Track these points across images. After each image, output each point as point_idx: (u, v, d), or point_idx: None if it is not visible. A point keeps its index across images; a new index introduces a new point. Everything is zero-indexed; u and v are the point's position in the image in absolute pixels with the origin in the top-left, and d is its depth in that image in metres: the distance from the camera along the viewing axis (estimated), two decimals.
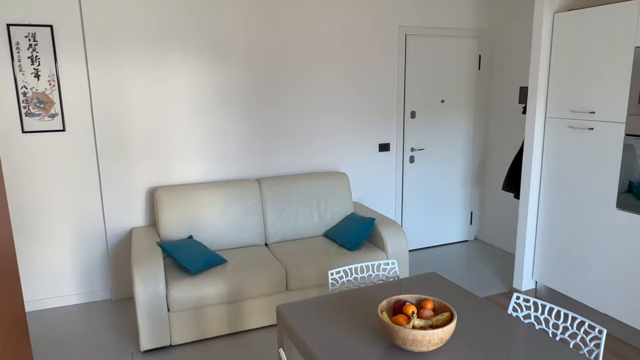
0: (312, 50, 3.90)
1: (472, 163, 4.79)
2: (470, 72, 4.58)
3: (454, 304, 2.00)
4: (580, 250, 3.21)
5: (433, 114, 4.51)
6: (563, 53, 3.22)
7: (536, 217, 3.55)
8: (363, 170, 4.31)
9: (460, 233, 4.91)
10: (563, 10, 3.28)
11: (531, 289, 3.66)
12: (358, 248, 3.48)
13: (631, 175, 2.85)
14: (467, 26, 4.46)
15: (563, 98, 3.24)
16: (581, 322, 2.79)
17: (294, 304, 2.01)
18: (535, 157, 3.46)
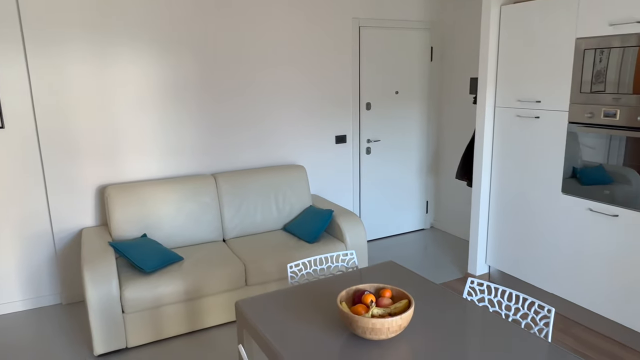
0: (267, 42, 3.84)
1: (426, 153, 4.89)
2: (423, 64, 4.66)
3: (411, 291, 2.03)
4: (529, 234, 3.34)
5: (388, 105, 4.56)
6: (510, 44, 3.33)
7: (488, 204, 3.67)
8: (321, 163, 4.31)
9: (417, 222, 5.02)
10: (509, 3, 3.39)
11: (485, 273, 3.79)
12: (317, 240, 3.49)
13: (574, 161, 2.99)
14: (419, 18, 4.53)
15: (511, 88, 3.36)
16: (531, 303, 2.92)
17: (253, 299, 1.99)
18: (486, 145, 3.56)
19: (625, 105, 2.67)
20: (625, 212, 2.74)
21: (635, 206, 2.68)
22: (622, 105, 2.69)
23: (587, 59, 2.83)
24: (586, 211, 2.95)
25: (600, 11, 2.73)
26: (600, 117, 2.81)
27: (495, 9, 3.36)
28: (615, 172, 2.77)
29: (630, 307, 2.76)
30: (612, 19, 2.68)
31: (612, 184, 2.79)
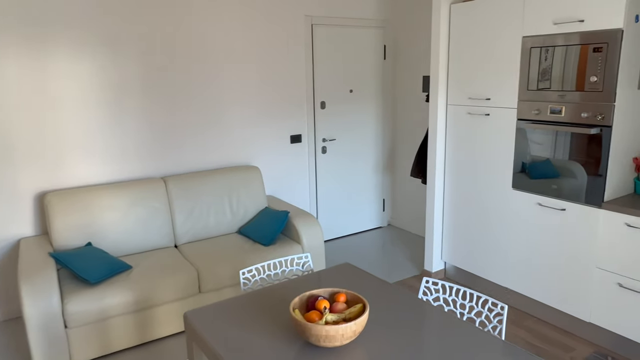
0: (217, 40, 3.72)
1: (382, 151, 4.90)
2: (376, 62, 4.66)
3: (367, 293, 1.99)
4: (482, 229, 3.40)
5: (342, 104, 4.53)
6: (460, 42, 3.36)
7: (442, 201, 3.70)
8: (276, 163, 4.23)
9: (374, 220, 5.02)
10: (459, 1, 3.42)
11: (441, 269, 3.83)
12: (273, 243, 3.41)
13: (524, 157, 3.06)
14: (371, 16, 4.52)
15: (462, 86, 3.39)
16: (485, 300, 2.95)
17: (203, 310, 1.89)
18: (439, 143, 3.59)
19: (570, 102, 2.75)
20: (572, 206, 2.82)
21: (581, 200, 2.76)
22: (567, 102, 2.76)
23: (533, 57, 2.89)
24: (535, 206, 3.02)
25: (545, 10, 2.79)
26: (547, 114, 2.87)
27: (444, 7, 3.39)
28: (562, 166, 2.85)
29: (576, 297, 2.85)
30: (556, 17, 2.74)
31: (559, 179, 2.87)
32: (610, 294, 2.69)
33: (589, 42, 2.61)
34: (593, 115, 2.65)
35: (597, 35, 2.57)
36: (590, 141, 2.69)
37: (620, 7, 2.45)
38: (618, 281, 2.65)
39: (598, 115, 2.62)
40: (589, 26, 2.60)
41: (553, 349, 2.82)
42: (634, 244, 2.55)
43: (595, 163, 2.68)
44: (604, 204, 2.66)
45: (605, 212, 2.66)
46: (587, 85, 2.65)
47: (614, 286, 2.68)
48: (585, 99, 2.67)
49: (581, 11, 2.62)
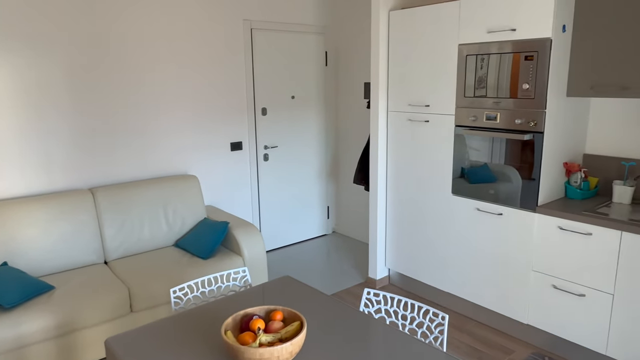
0: (151, 44, 3.52)
1: (325, 158, 4.86)
2: (318, 69, 4.61)
3: (306, 308, 1.90)
4: (423, 235, 3.41)
5: (284, 111, 4.44)
6: (400, 49, 3.37)
7: (385, 208, 3.69)
8: (215, 172, 4.06)
9: (319, 228, 4.96)
10: (397, 8, 3.44)
11: (385, 276, 3.82)
12: (212, 255, 3.25)
13: (462, 162, 3.10)
14: (312, 22, 4.48)
15: (402, 92, 3.40)
16: (426, 311, 2.95)
17: (127, 335, 1.73)
18: (381, 149, 3.58)
19: (504, 109, 2.81)
20: (508, 210, 2.87)
21: (516, 204, 2.82)
22: (502, 109, 2.82)
23: (469, 64, 2.94)
24: (474, 211, 3.06)
25: (479, 19, 2.85)
26: (483, 120, 2.92)
27: (383, 14, 3.39)
28: (498, 172, 2.90)
29: (514, 300, 2.90)
30: (490, 26, 2.80)
31: (496, 184, 2.92)
32: (545, 295, 2.76)
33: (520, 50, 2.68)
34: (526, 122, 2.71)
35: (528, 44, 2.64)
36: (524, 147, 2.75)
37: (548, 17, 2.53)
38: (552, 283, 2.73)
39: (531, 121, 2.69)
40: (520, 35, 2.66)
41: (493, 352, 2.85)
42: (566, 246, 2.63)
43: (529, 168, 2.75)
44: (538, 208, 2.73)
45: (539, 216, 2.73)
46: (520, 93, 2.71)
47: (548, 288, 2.75)
48: (518, 105, 2.74)
49: (513, 20, 2.68)
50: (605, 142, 2.91)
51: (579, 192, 2.84)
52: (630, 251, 2.38)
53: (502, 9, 2.72)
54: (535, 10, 2.58)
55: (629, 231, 2.37)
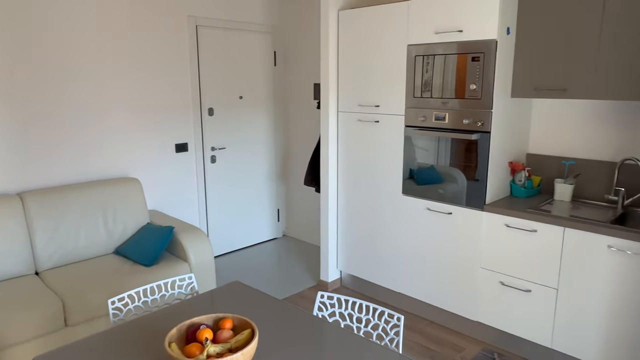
0: (89, 39, 3.30)
1: (275, 160, 4.76)
2: (267, 68, 4.52)
3: (257, 315, 1.81)
4: (375, 236, 3.40)
5: (232, 111, 4.32)
6: (349, 49, 3.35)
7: (337, 209, 3.65)
8: (159, 174, 3.86)
9: (269, 231, 4.85)
10: (346, 8, 3.41)
11: (337, 278, 3.77)
12: (156, 262, 3.08)
13: (412, 162, 3.11)
14: (260, 21, 4.38)
15: (352, 93, 3.38)
16: (381, 312, 2.92)
17: (59, 352, 1.56)
18: (332, 150, 3.54)
19: (452, 109, 2.84)
20: (458, 209, 2.91)
21: (465, 203, 2.86)
22: (450, 109, 2.85)
23: (418, 65, 2.96)
24: (425, 210, 3.08)
25: (427, 19, 2.87)
26: (432, 121, 2.95)
27: (332, 14, 3.35)
28: (447, 172, 2.93)
29: (464, 297, 2.94)
30: (437, 27, 2.83)
31: (445, 183, 2.95)
32: (494, 292, 2.81)
33: (467, 51, 2.72)
34: (474, 122, 2.76)
35: (475, 45, 2.68)
36: (472, 146, 2.80)
37: (494, 19, 2.59)
38: (500, 280, 2.78)
39: (478, 121, 2.74)
40: (467, 36, 2.71)
41: (445, 350, 2.87)
42: (513, 244, 2.69)
43: (477, 167, 2.80)
44: (486, 206, 2.77)
45: (487, 214, 2.78)
46: (468, 93, 2.76)
47: (496, 284, 2.80)
48: (466, 106, 2.78)
49: (460, 22, 2.72)
50: (546, 141, 3.02)
51: (523, 190, 2.92)
52: (572, 246, 2.47)
53: (449, 11, 2.76)
54: (481, 12, 2.63)
55: (571, 227, 2.45)
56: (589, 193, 2.87)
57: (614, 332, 2.39)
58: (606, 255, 2.36)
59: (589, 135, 2.84)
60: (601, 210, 2.65)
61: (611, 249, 2.34)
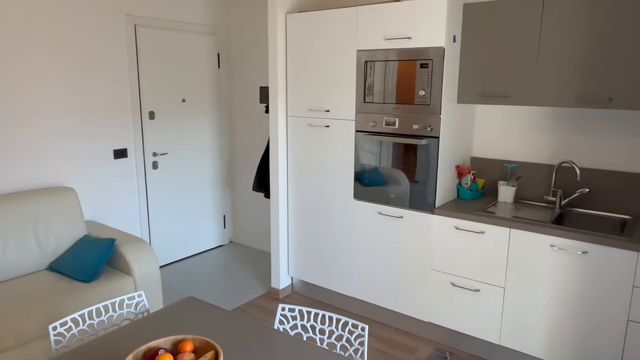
0: (15, 37, 3.01)
1: (220, 165, 4.62)
2: (210, 71, 4.38)
3: (217, 333, 1.72)
4: (327, 241, 3.38)
5: (175, 115, 4.14)
6: (298, 53, 3.31)
7: (287, 215, 3.60)
8: (96, 183, 3.62)
9: (215, 238, 4.71)
10: (294, 11, 3.37)
11: (288, 285, 3.72)
12: (96, 277, 2.87)
13: (363, 167, 3.12)
14: (203, 22, 4.23)
15: (301, 97, 3.34)
16: (345, 323, 2.90)
17: None
18: (281, 155, 3.49)
19: (402, 115, 2.88)
20: (409, 213, 2.95)
21: (416, 207, 2.91)
22: (400, 115, 2.89)
23: (368, 70, 2.97)
24: (376, 214, 3.10)
25: (376, 25, 2.89)
26: (382, 126, 2.97)
27: (280, 16, 3.30)
28: (398, 176, 2.97)
29: (416, 299, 3.00)
30: (387, 33, 2.86)
31: (396, 187, 2.99)
32: (445, 293, 2.89)
33: (416, 58, 2.77)
34: (423, 127, 2.81)
35: (423, 52, 2.74)
36: (422, 151, 2.85)
37: (441, 27, 2.65)
38: (451, 280, 2.85)
39: (427, 127, 2.80)
40: (415, 43, 2.75)
41: (399, 353, 2.91)
42: (462, 245, 2.77)
43: (426, 172, 2.85)
44: (436, 209, 2.84)
45: (437, 217, 2.84)
46: (417, 99, 2.81)
47: (447, 285, 2.87)
48: (415, 111, 2.83)
49: (408, 29, 2.77)
50: (489, 146, 3.14)
51: (469, 193, 3.02)
52: (517, 246, 2.58)
53: (398, 18, 2.79)
54: (429, 20, 2.68)
55: (516, 228, 2.56)
56: (530, 194, 3.02)
57: (556, 327, 2.53)
58: (549, 254, 2.49)
59: (529, 139, 2.99)
60: (541, 211, 2.80)
61: (553, 248, 2.47)
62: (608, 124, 2.72)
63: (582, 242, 2.38)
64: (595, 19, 2.39)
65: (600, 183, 2.77)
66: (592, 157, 2.79)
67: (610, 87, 2.39)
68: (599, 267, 2.36)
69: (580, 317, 2.45)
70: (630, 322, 2.31)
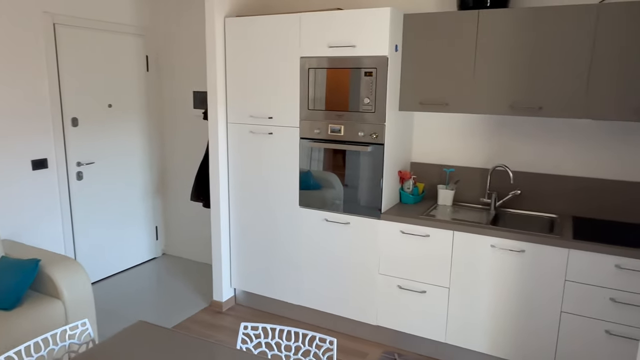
0: None
1: (151, 174, 4.38)
2: (139, 74, 4.13)
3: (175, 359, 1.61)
4: (272, 250, 3.32)
5: (101, 121, 3.85)
6: (239, 58, 3.21)
7: (229, 224, 3.48)
8: (12, 197, 3.26)
9: (147, 251, 4.45)
10: (233, 15, 3.28)
11: (231, 297, 3.60)
12: (19, 304, 2.58)
13: (309, 175, 3.10)
14: (130, 22, 3.98)
15: (242, 104, 3.25)
16: (312, 337, 2.85)
17: None
18: (222, 164, 3.37)
19: (348, 122, 2.90)
20: (355, 219, 2.98)
21: (362, 213, 2.95)
22: (346, 122, 2.91)
23: (312, 77, 2.96)
24: (323, 221, 3.10)
25: (320, 33, 2.89)
26: (328, 133, 2.98)
27: (219, 20, 3.19)
28: (342, 183, 2.99)
29: (364, 304, 3.03)
30: (331, 41, 2.86)
31: (343, 194, 3.00)
32: (392, 296, 2.95)
33: (361, 66, 2.80)
34: (369, 134, 2.85)
35: (367, 60, 2.78)
36: (368, 158, 2.89)
37: (385, 36, 2.70)
38: (398, 284, 2.92)
39: (373, 134, 2.84)
40: (360, 52, 2.79)
41: (349, 358, 2.92)
42: (408, 249, 2.85)
43: (373, 178, 2.90)
44: (382, 215, 2.89)
45: (384, 223, 2.90)
46: (362, 107, 2.84)
47: (394, 289, 2.94)
48: (360, 119, 2.86)
49: (352, 37, 2.79)
50: (428, 151, 3.26)
51: (411, 197, 3.12)
52: (461, 248, 2.70)
53: (342, 26, 2.81)
54: (373, 29, 2.73)
55: (460, 230, 2.68)
56: (467, 197, 3.18)
57: (498, 322, 2.68)
58: (490, 253, 2.63)
59: (465, 145, 3.14)
60: (478, 212, 2.96)
61: (494, 248, 2.62)
62: (538, 131, 2.93)
63: (520, 241, 2.55)
64: (525, 37, 2.56)
65: (531, 185, 2.98)
66: (524, 161, 3.00)
67: (540, 97, 2.58)
68: (535, 264, 2.53)
69: (519, 311, 2.61)
70: (563, 313, 2.51)
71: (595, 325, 2.45)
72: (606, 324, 2.42)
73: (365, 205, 2.94)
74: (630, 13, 2.34)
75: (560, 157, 2.90)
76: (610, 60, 2.41)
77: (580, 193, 2.87)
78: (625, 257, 2.33)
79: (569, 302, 2.48)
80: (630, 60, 2.37)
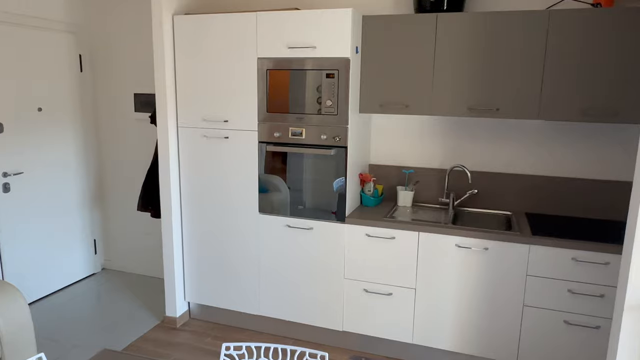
0: None
1: (87, 182, 4.03)
2: (71, 75, 3.79)
3: None
4: (230, 260, 3.17)
5: (30, 127, 3.48)
6: (189, 58, 3.03)
7: (181, 235, 3.28)
8: None
9: (85, 267, 4.09)
10: (182, 13, 3.09)
11: (185, 311, 3.40)
12: None
13: (269, 179, 2.99)
14: (58, 17, 3.64)
15: (194, 107, 3.07)
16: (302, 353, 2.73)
17: None
18: (173, 171, 3.16)
19: (309, 125, 2.83)
20: (319, 224, 2.92)
21: (326, 217, 2.89)
22: (307, 125, 2.84)
23: (271, 79, 2.86)
24: (284, 227, 3.00)
25: (278, 33, 2.79)
26: (289, 136, 2.89)
27: (167, 18, 2.99)
28: (307, 186, 2.91)
29: (329, 310, 2.98)
30: (290, 41, 2.78)
31: (306, 199, 2.92)
32: (358, 300, 2.92)
33: (322, 67, 2.74)
34: (331, 137, 2.80)
35: (329, 62, 2.72)
36: (331, 161, 2.84)
37: (347, 38, 2.66)
38: (364, 287, 2.90)
39: (336, 137, 2.79)
40: (321, 53, 2.73)
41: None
42: (374, 251, 2.83)
43: (335, 181, 2.85)
44: (347, 218, 2.85)
45: (349, 226, 2.86)
46: (324, 109, 2.78)
47: (360, 293, 2.91)
48: (323, 121, 2.80)
49: (313, 38, 2.73)
50: (386, 153, 3.27)
51: (372, 199, 3.11)
52: (426, 248, 2.72)
53: (301, 26, 2.74)
54: (334, 30, 2.68)
55: (425, 231, 2.70)
56: (426, 197, 3.22)
57: (463, 320, 2.73)
58: (455, 252, 2.68)
59: (424, 146, 3.18)
60: (437, 212, 3.01)
61: (458, 247, 2.67)
62: (494, 132, 3.03)
63: (484, 239, 2.61)
64: (481, 40, 2.64)
65: (486, 184, 3.08)
66: (479, 161, 3.09)
67: (497, 99, 2.67)
68: (498, 261, 2.61)
69: (483, 308, 2.68)
70: (525, 306, 2.61)
71: (555, 316, 2.56)
72: (565, 314, 2.55)
73: (328, 209, 2.89)
74: (578, 19, 2.47)
75: (513, 156, 3.02)
76: (561, 64, 2.54)
77: (531, 190, 3.00)
78: (580, 250, 2.46)
79: (531, 295, 2.58)
80: (578, 64, 2.51)
